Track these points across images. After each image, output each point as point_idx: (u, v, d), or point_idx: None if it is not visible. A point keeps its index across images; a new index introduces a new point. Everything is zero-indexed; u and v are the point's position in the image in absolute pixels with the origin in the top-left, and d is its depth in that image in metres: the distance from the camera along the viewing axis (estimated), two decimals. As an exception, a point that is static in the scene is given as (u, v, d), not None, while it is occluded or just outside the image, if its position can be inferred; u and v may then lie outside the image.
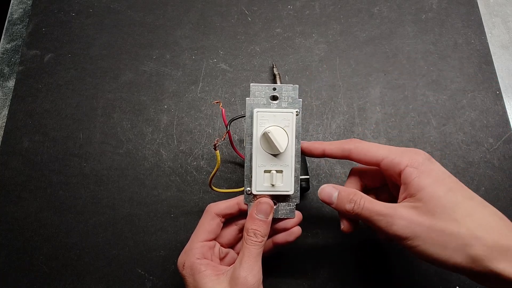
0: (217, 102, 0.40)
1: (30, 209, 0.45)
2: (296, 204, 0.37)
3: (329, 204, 0.35)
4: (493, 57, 0.51)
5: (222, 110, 0.37)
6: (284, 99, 0.36)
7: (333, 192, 0.34)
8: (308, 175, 0.44)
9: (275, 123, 0.35)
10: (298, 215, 0.38)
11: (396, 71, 0.51)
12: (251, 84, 0.35)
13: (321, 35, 0.53)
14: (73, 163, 0.47)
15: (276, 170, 0.35)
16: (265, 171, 0.36)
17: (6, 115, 0.50)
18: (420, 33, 0.52)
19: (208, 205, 0.37)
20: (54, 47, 0.53)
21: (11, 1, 0.57)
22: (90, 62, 0.52)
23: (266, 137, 0.34)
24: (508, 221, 0.30)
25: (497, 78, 0.50)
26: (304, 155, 0.38)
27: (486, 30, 0.53)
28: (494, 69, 0.50)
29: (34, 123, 0.49)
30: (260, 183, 0.36)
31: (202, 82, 0.50)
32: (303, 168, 0.44)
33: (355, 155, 0.34)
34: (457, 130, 0.48)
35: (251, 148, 0.36)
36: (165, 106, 0.49)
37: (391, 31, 0.53)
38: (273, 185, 0.36)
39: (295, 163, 0.36)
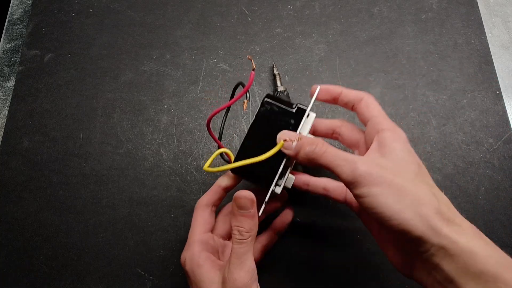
0: (250, 58, 0.34)
1: (30, 209, 0.45)
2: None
3: (289, 154, 0.33)
4: (493, 57, 0.51)
5: (251, 74, 0.32)
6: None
7: (293, 138, 0.32)
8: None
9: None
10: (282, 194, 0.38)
11: (396, 71, 0.51)
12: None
13: (321, 35, 0.53)
14: (73, 163, 0.47)
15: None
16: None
17: (6, 115, 0.50)
18: (420, 33, 0.52)
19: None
20: (54, 47, 0.53)
21: (11, 1, 0.57)
22: (90, 62, 0.52)
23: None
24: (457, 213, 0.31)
25: (497, 78, 0.50)
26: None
27: (486, 30, 0.53)
28: (494, 69, 0.50)
29: (34, 123, 0.49)
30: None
31: (202, 82, 0.50)
32: (303, 168, 0.44)
33: (362, 106, 0.35)
34: (457, 130, 0.48)
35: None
36: (165, 106, 0.49)
37: (391, 31, 0.53)
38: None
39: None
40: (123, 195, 0.46)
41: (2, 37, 0.55)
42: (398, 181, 0.29)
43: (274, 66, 0.50)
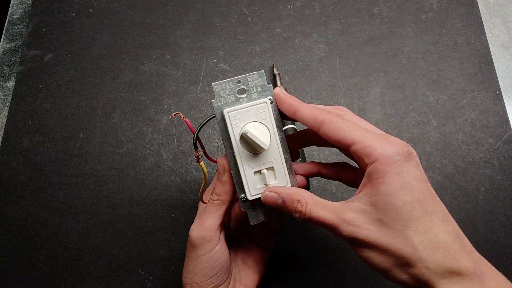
0: (175, 114, 0.33)
1: (30, 209, 0.45)
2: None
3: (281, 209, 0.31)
4: (493, 57, 0.51)
5: (186, 121, 0.32)
6: (253, 90, 0.32)
7: (276, 197, 0.31)
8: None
9: (250, 119, 0.31)
10: (302, 181, 0.35)
11: (396, 71, 0.51)
12: (212, 84, 0.31)
13: (321, 35, 0.53)
14: (73, 163, 0.47)
15: (266, 169, 0.32)
16: (255, 172, 0.32)
17: (6, 115, 0.50)
18: (420, 33, 0.52)
19: (195, 235, 0.33)
20: (54, 47, 0.53)
21: (11, 1, 0.57)
22: (90, 62, 0.52)
23: (245, 138, 0.31)
24: (464, 240, 0.28)
25: (497, 78, 0.50)
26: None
27: (486, 30, 0.53)
28: (494, 69, 0.50)
29: (34, 123, 0.49)
30: (253, 187, 0.32)
31: (202, 82, 0.50)
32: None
33: (325, 130, 0.29)
34: (457, 130, 0.48)
35: (232, 153, 0.32)
36: (165, 106, 0.49)
37: (391, 31, 0.53)
38: (267, 185, 0.32)
39: (283, 154, 0.33)
40: (123, 195, 0.46)
41: (2, 37, 0.55)
42: (384, 239, 0.27)
43: (274, 66, 0.50)
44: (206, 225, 0.32)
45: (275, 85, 0.48)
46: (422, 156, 0.46)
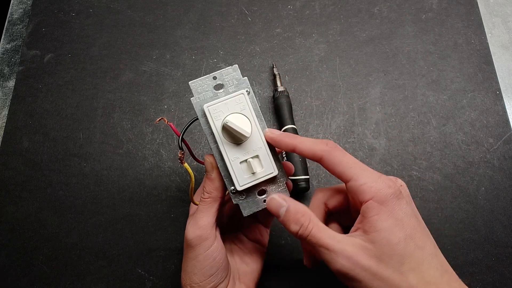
0: (160, 120, 0.34)
1: (30, 209, 0.45)
2: (285, 182, 0.34)
3: (277, 217, 0.32)
4: (493, 57, 0.51)
5: (170, 125, 0.33)
6: (229, 84, 0.33)
7: (282, 205, 0.32)
8: (308, 175, 0.44)
9: (230, 111, 0.32)
10: (290, 168, 0.36)
11: (396, 71, 0.51)
12: (189, 82, 0.32)
13: (321, 35, 0.53)
14: (73, 163, 0.47)
15: (251, 157, 0.33)
16: (241, 162, 0.33)
17: (6, 115, 0.50)
18: (420, 33, 0.52)
19: (190, 236, 0.33)
20: (54, 47, 0.53)
21: (11, 1, 0.57)
22: (90, 62, 0.52)
23: (227, 128, 0.32)
24: (452, 275, 0.29)
25: (497, 78, 0.50)
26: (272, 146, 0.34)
27: (486, 30, 0.53)
28: (494, 69, 0.50)
29: (34, 123, 0.49)
30: (241, 177, 0.33)
31: (202, 82, 0.50)
32: (303, 168, 0.44)
33: (325, 162, 0.31)
34: (457, 130, 0.48)
35: (217, 147, 0.33)
36: (165, 106, 0.49)
37: (391, 31, 0.53)
38: (254, 173, 0.33)
39: (266, 141, 0.33)
40: (123, 195, 0.46)
41: (2, 37, 0.55)
42: (384, 273, 0.28)
43: (274, 66, 0.50)
44: (201, 224, 0.32)
45: (275, 85, 0.48)
46: (422, 156, 0.46)
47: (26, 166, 0.47)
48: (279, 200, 0.32)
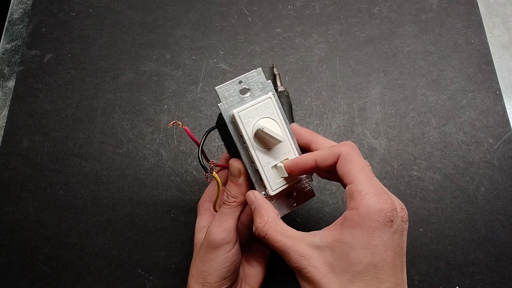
0: (174, 123, 0.34)
1: (30, 209, 0.45)
2: (311, 182, 0.35)
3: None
4: (493, 57, 0.51)
5: (185, 130, 0.33)
6: (255, 88, 0.33)
7: (253, 202, 0.33)
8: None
9: (260, 116, 0.32)
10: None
11: (396, 71, 0.51)
12: (216, 88, 0.32)
13: (321, 35, 0.53)
14: (73, 163, 0.47)
15: (281, 162, 0.33)
16: (272, 167, 0.33)
17: (6, 115, 0.50)
18: (420, 33, 0.52)
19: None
20: (54, 47, 0.53)
21: (11, 1, 0.57)
22: (90, 62, 0.52)
23: (260, 134, 0.31)
24: None
25: (497, 78, 0.50)
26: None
27: (486, 30, 0.53)
28: (494, 69, 0.50)
29: (34, 123, 0.49)
30: (273, 182, 0.33)
31: (202, 82, 0.50)
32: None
33: (339, 162, 0.31)
34: (457, 130, 0.48)
35: (246, 153, 0.33)
36: (165, 106, 0.49)
37: (391, 31, 0.53)
38: (284, 177, 0.33)
39: (295, 144, 0.34)
40: (123, 195, 0.46)
41: (2, 37, 0.55)
42: (326, 285, 0.27)
43: (274, 66, 0.50)
44: (225, 226, 0.33)
45: (275, 85, 0.49)
46: (422, 156, 0.46)
47: (26, 166, 0.47)
48: (251, 197, 0.33)
